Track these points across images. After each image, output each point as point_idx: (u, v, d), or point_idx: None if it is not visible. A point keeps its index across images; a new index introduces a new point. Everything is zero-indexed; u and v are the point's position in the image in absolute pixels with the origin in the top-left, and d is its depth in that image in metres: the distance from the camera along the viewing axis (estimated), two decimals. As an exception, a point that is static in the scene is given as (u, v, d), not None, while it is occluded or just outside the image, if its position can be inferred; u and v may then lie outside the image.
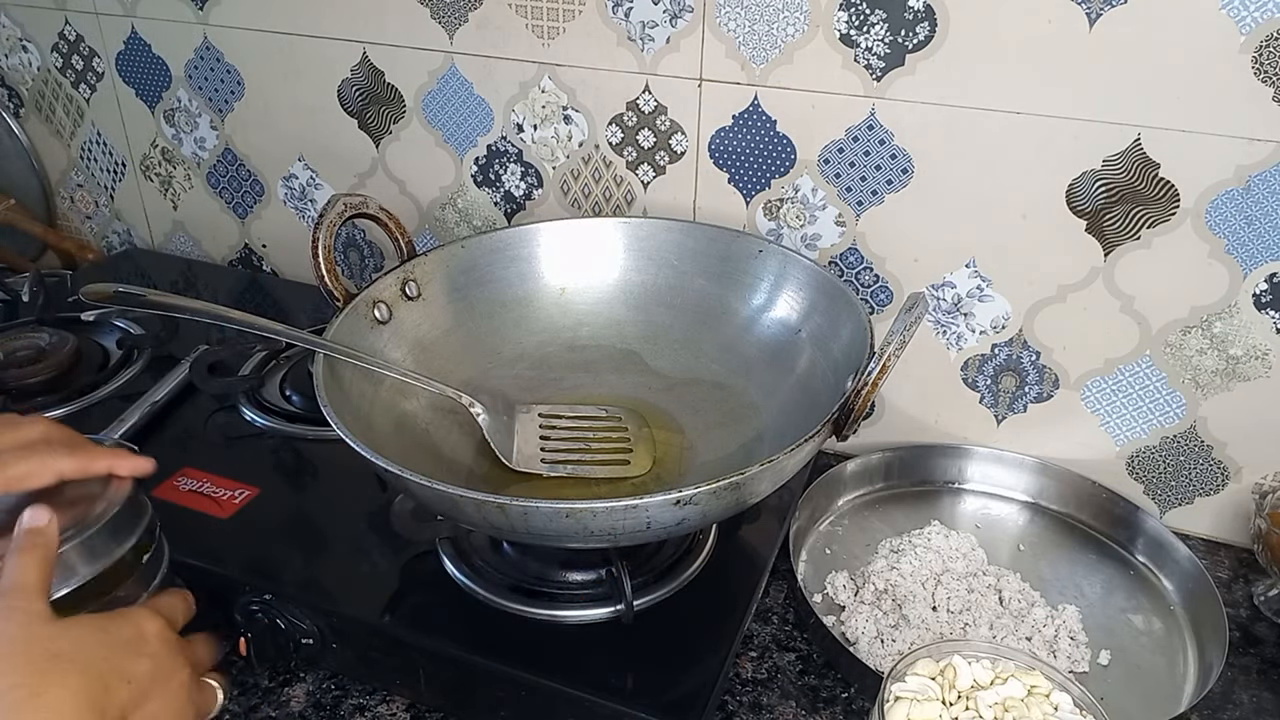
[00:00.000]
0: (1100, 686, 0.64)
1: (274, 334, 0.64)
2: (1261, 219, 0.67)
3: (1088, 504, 0.78)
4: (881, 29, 0.71)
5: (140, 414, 0.77)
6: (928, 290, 0.79)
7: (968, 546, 0.73)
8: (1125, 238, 0.71)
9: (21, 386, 0.82)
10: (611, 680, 0.56)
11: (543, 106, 0.85)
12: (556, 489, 0.65)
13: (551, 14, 0.81)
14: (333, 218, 0.67)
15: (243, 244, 1.09)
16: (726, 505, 0.54)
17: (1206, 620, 0.67)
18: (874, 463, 0.81)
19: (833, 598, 0.70)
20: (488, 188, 0.92)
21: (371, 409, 0.64)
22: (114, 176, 1.12)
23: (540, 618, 0.60)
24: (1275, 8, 0.62)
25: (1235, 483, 0.76)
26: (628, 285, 0.78)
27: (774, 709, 0.62)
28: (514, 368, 0.75)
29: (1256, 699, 0.64)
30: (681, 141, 0.82)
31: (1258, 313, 0.70)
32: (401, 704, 0.62)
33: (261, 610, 0.61)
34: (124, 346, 0.88)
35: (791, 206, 0.80)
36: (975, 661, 0.50)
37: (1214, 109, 0.65)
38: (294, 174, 1.01)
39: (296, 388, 0.83)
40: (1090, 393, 0.77)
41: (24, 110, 1.13)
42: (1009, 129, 0.71)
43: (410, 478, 0.51)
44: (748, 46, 0.76)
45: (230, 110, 1.00)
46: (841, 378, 0.61)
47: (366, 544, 0.66)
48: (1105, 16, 0.65)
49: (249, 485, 0.71)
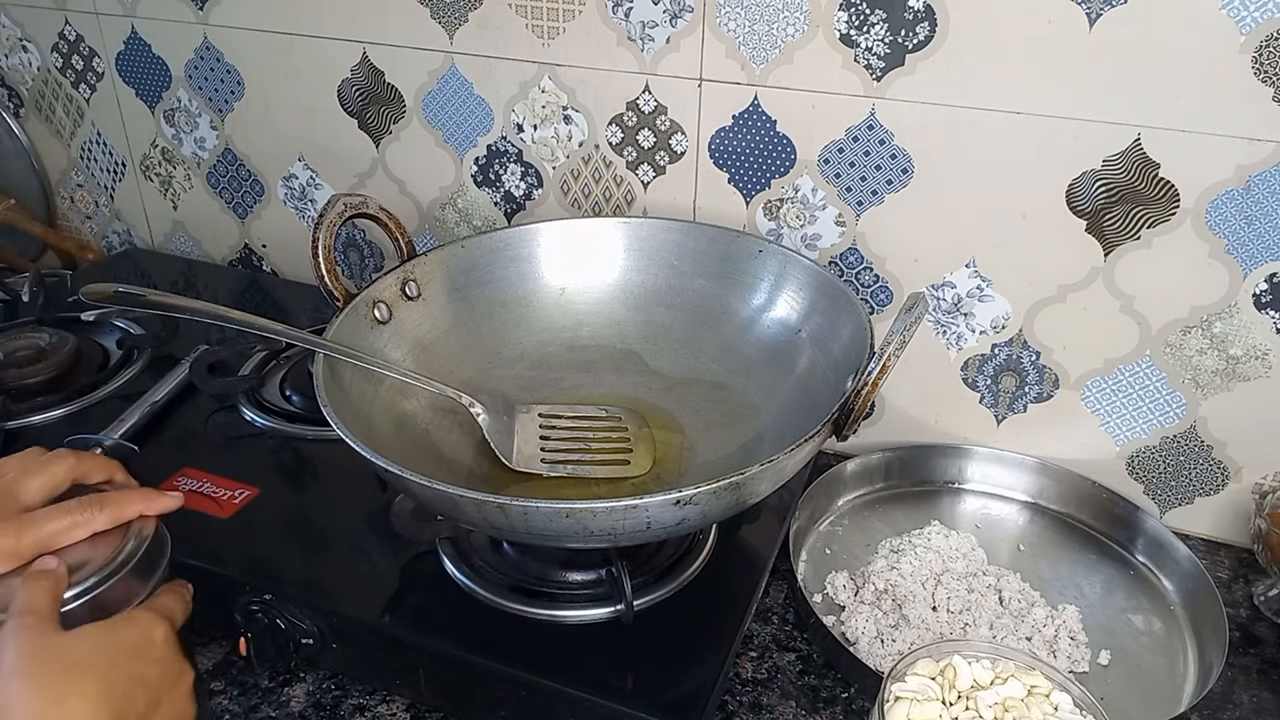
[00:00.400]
0: (1100, 686, 0.64)
1: (274, 334, 0.64)
2: (1261, 219, 0.67)
3: (1088, 504, 0.78)
4: (881, 29, 0.71)
5: (140, 414, 0.77)
6: (928, 290, 0.79)
7: (968, 546, 0.73)
8: (1125, 238, 0.71)
9: (21, 386, 0.82)
10: (611, 680, 0.56)
11: (543, 106, 0.85)
12: (556, 489, 0.65)
13: (551, 14, 0.81)
14: (333, 218, 0.67)
15: (243, 244, 1.09)
16: (726, 505, 0.54)
17: (1206, 620, 0.67)
18: (874, 463, 0.81)
19: (833, 598, 0.70)
20: (488, 188, 0.92)
21: (371, 409, 0.64)
22: (114, 176, 1.12)
23: (540, 618, 0.60)
24: (1275, 8, 0.62)
25: (1235, 483, 0.76)
26: (628, 285, 0.78)
27: (774, 709, 0.62)
28: (514, 368, 0.75)
29: (1256, 699, 0.64)
30: (681, 141, 0.82)
31: (1258, 313, 0.70)
32: (401, 704, 0.62)
33: (261, 610, 0.61)
34: (124, 346, 0.88)
35: (791, 206, 0.80)
36: (975, 661, 0.50)
37: (1214, 109, 0.65)
38: (294, 174, 1.01)
39: (296, 388, 0.83)
40: (1090, 393, 0.77)
41: (24, 110, 1.13)
42: (1009, 129, 0.71)
43: (410, 478, 0.51)
44: (748, 46, 0.76)
45: (230, 110, 1.00)
46: (841, 378, 0.61)
47: (366, 544, 0.66)
48: (1105, 16, 0.65)
49: (249, 485, 0.71)
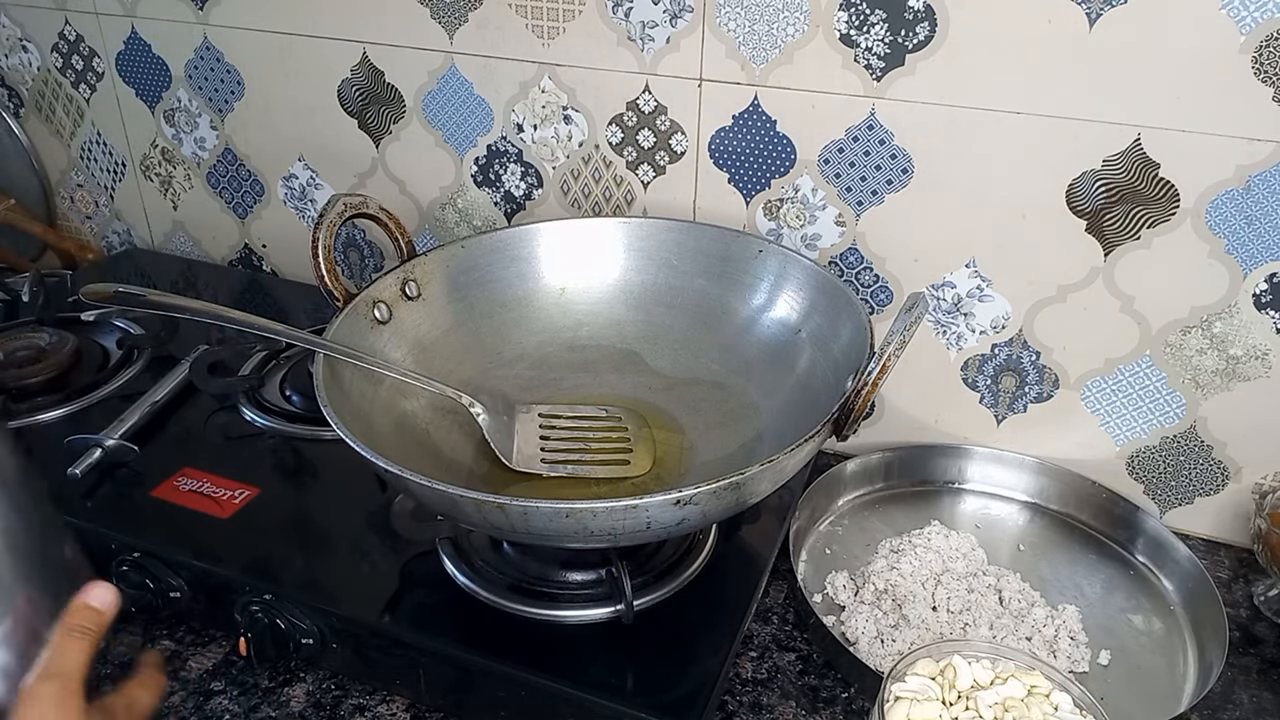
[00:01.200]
0: (1100, 686, 0.64)
1: (274, 334, 0.64)
2: (1261, 219, 0.67)
3: (1088, 504, 0.78)
4: (881, 29, 0.71)
5: (140, 414, 0.77)
6: (928, 290, 0.79)
7: (968, 546, 0.73)
8: (1125, 238, 0.71)
9: (21, 386, 0.82)
10: (611, 680, 0.56)
11: (543, 106, 0.85)
12: (556, 489, 0.65)
13: (551, 14, 0.81)
14: (333, 218, 0.67)
15: (243, 244, 1.09)
16: (726, 505, 0.54)
17: (1206, 620, 0.67)
18: (874, 463, 0.81)
19: (833, 598, 0.70)
20: (488, 188, 0.92)
21: (371, 409, 0.64)
22: (114, 176, 1.12)
23: (540, 618, 0.60)
24: (1275, 8, 0.62)
25: (1235, 483, 0.76)
26: (628, 285, 0.78)
27: (774, 709, 0.62)
28: (514, 368, 0.75)
29: (1256, 699, 0.64)
30: (681, 141, 0.82)
31: (1258, 313, 0.70)
32: (401, 704, 0.62)
33: (261, 610, 0.61)
34: (124, 346, 0.88)
35: (791, 206, 0.80)
36: (975, 661, 0.50)
37: (1214, 109, 0.65)
38: (294, 174, 1.01)
39: (296, 388, 0.83)
40: (1090, 393, 0.77)
41: (24, 110, 1.13)
42: (1009, 129, 0.71)
43: (410, 478, 0.51)
44: (748, 46, 0.76)
45: (230, 110, 1.00)
46: (841, 378, 0.61)
47: (366, 544, 0.66)
48: (1105, 16, 0.65)
49: (249, 485, 0.71)
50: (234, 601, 0.62)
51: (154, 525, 0.67)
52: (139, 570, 0.64)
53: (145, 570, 0.64)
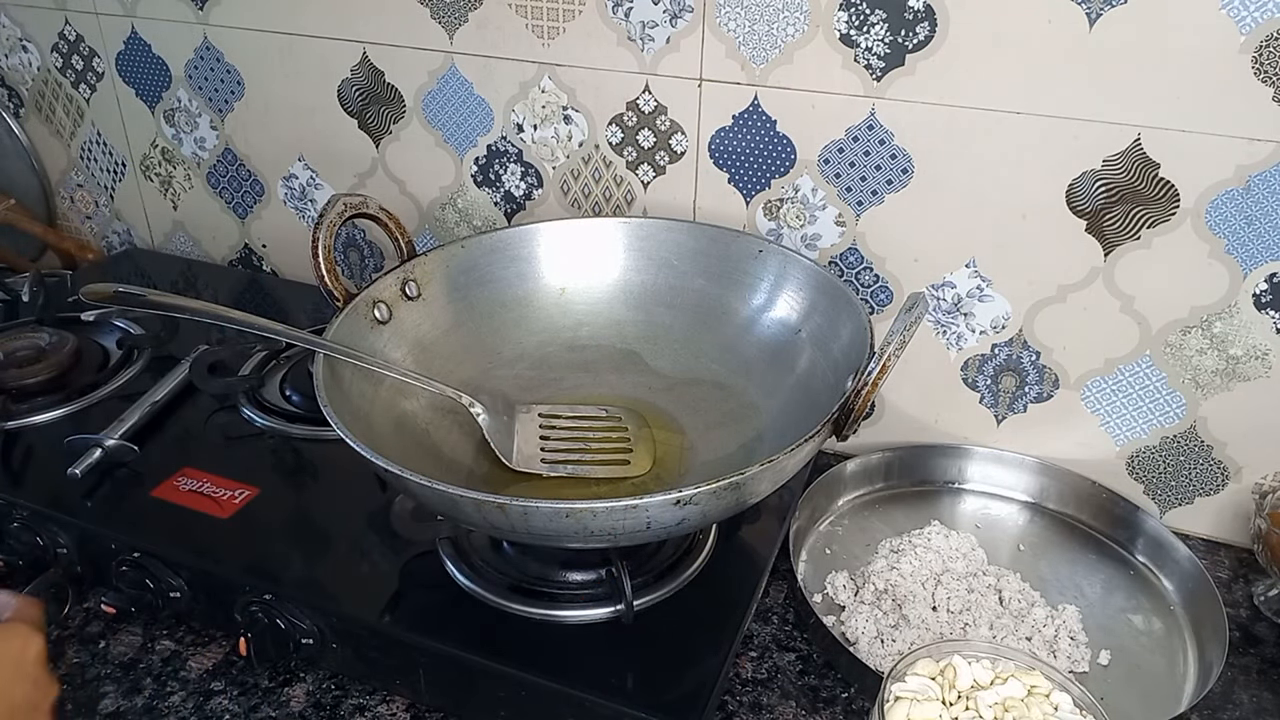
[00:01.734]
0: (1100, 686, 0.64)
1: (274, 334, 0.64)
2: (1261, 219, 0.67)
3: (1088, 504, 0.78)
4: (881, 29, 0.71)
5: (140, 414, 0.77)
6: (928, 290, 0.79)
7: (968, 546, 0.73)
8: (1125, 238, 0.71)
9: (21, 386, 0.82)
10: (611, 680, 0.56)
11: (543, 106, 0.85)
12: (556, 489, 0.65)
13: (551, 14, 0.81)
14: (333, 218, 0.67)
15: (243, 244, 1.09)
16: (726, 505, 0.54)
17: (1206, 620, 0.67)
18: (874, 463, 0.81)
19: (833, 598, 0.70)
20: (488, 188, 0.92)
21: (371, 409, 0.64)
22: (114, 176, 1.12)
23: (540, 618, 0.60)
24: (1275, 8, 0.62)
25: (1235, 483, 0.76)
26: (628, 285, 0.78)
27: (774, 709, 0.62)
28: (514, 368, 0.75)
29: (1256, 699, 0.64)
30: (681, 141, 0.82)
31: (1258, 313, 0.70)
32: (401, 704, 0.62)
33: (261, 610, 0.61)
34: (124, 346, 0.88)
35: (791, 206, 0.80)
36: (975, 661, 0.50)
37: (1214, 109, 0.65)
38: (294, 174, 1.01)
39: (296, 388, 0.83)
40: (1090, 393, 0.77)
41: (24, 110, 1.13)
42: (1009, 129, 0.71)
43: (410, 478, 0.51)
44: (748, 46, 0.76)
45: (230, 110, 1.00)
46: (841, 378, 0.61)
47: (366, 544, 0.66)
48: (1105, 16, 0.65)
49: (249, 485, 0.71)
50: (234, 601, 0.62)
51: (154, 525, 0.67)
52: (139, 570, 0.64)
53: (145, 570, 0.64)
